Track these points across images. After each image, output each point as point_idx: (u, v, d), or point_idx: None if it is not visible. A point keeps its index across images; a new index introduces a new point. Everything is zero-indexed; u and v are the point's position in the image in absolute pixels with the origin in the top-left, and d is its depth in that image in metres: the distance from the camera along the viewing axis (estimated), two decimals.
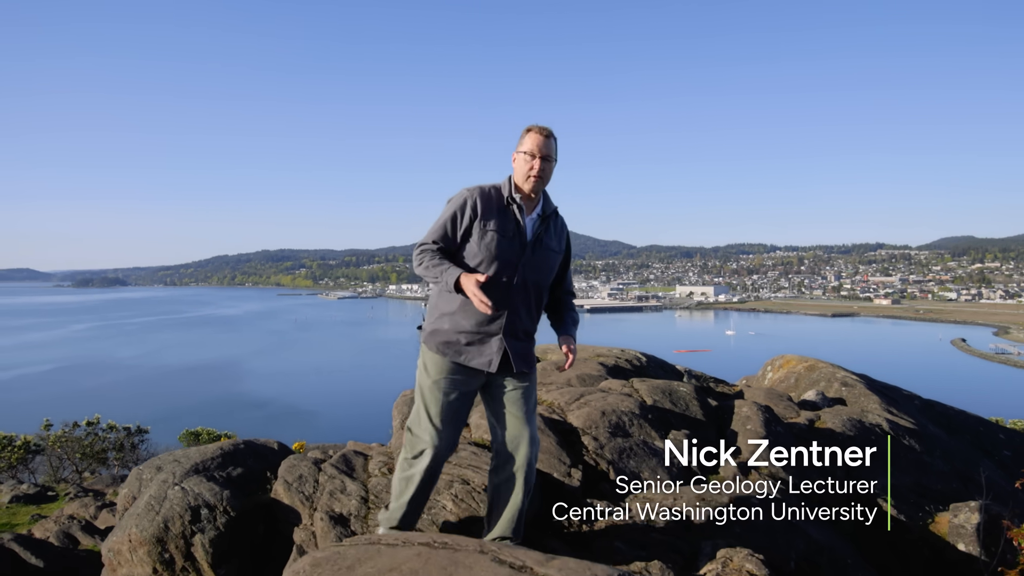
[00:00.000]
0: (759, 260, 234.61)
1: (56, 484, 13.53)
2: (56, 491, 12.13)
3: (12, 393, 53.41)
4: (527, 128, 2.82)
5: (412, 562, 2.23)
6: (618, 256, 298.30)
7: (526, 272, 2.81)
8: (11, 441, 15.44)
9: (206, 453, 4.21)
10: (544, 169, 2.79)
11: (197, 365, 70.66)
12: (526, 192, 2.84)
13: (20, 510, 10.65)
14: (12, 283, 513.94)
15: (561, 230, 3.00)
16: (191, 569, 3.61)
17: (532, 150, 2.77)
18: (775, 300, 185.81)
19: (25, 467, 15.46)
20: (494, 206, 2.80)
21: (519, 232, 2.81)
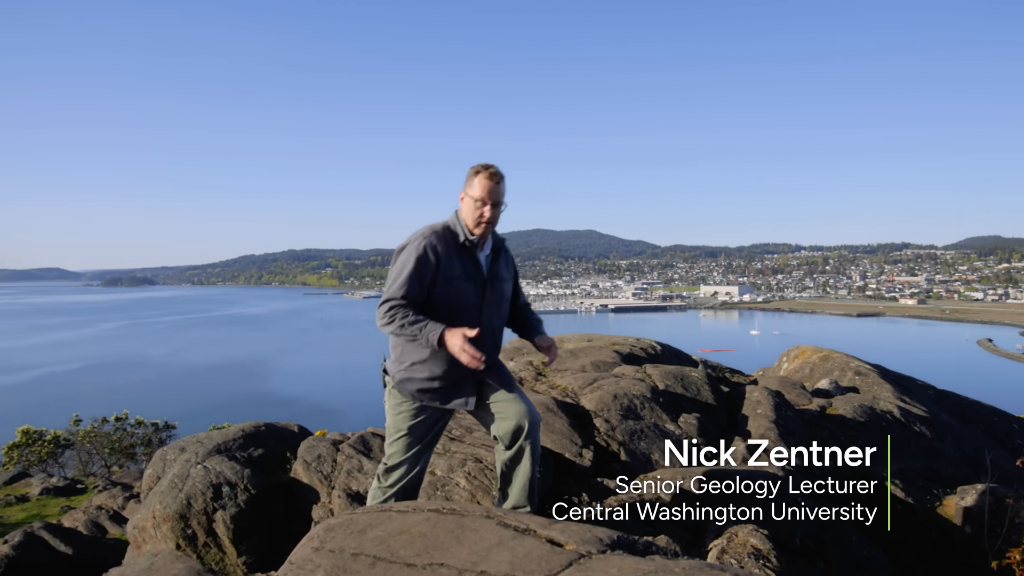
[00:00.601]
0: (784, 260, 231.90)
1: (85, 478, 13.85)
2: (85, 484, 12.43)
3: (44, 390, 54.55)
4: (475, 170, 2.79)
5: (421, 526, 2.33)
6: (642, 256, 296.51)
7: (490, 309, 2.89)
8: (41, 436, 15.85)
9: (228, 435, 4.34)
10: (495, 215, 2.78)
11: (224, 363, 71.57)
12: (476, 236, 2.84)
13: (50, 502, 10.94)
14: (43, 282, 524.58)
15: (508, 257, 3.05)
16: (213, 545, 3.75)
17: (483, 197, 2.75)
18: (800, 300, 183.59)
19: (55, 461, 15.85)
20: (452, 250, 2.80)
21: (478, 272, 2.86)
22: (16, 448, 15.51)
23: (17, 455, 15.43)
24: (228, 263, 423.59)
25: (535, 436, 2.94)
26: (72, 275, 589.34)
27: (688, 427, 4.15)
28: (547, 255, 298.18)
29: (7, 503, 10.68)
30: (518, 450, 2.94)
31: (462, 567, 2.01)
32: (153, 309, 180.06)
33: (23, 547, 6.12)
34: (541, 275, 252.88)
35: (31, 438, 15.75)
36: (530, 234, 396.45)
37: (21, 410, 39.34)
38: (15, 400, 49.43)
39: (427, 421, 2.91)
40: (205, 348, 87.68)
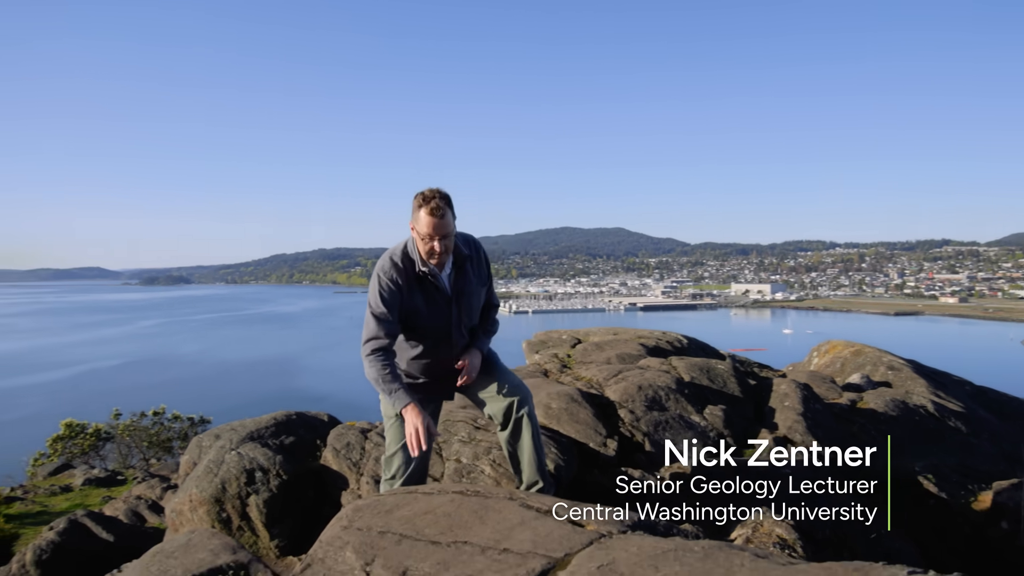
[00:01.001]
0: (818, 257, 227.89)
1: (125, 470, 14.22)
2: (125, 476, 12.75)
3: (86, 385, 55.92)
4: (418, 203, 2.73)
5: (446, 506, 2.39)
6: (671, 254, 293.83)
7: (459, 319, 2.95)
8: (83, 428, 16.32)
9: (260, 423, 4.46)
10: (444, 247, 2.76)
11: (257, 360, 72.66)
12: (433, 264, 2.84)
13: (92, 492, 11.25)
14: (84, 281, 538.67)
15: (478, 263, 3.02)
16: (247, 528, 3.85)
17: (429, 233, 2.71)
18: (835, 298, 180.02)
19: (96, 453, 16.31)
20: (411, 280, 2.83)
21: (440, 293, 2.88)
22: (60, 440, 16.00)
23: (61, 447, 15.92)
24: (260, 262, 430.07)
25: (528, 409, 3.01)
26: (111, 274, 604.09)
27: (714, 419, 4.14)
28: (575, 253, 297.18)
29: (52, 493, 11.00)
30: (514, 426, 3.01)
31: (485, 545, 2.06)
32: (189, 307, 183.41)
33: (68, 533, 6.32)
34: (569, 273, 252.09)
35: (74, 431, 16.23)
36: (558, 232, 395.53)
37: (65, 404, 40.44)
38: (59, 394, 50.81)
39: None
40: (238, 345, 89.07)
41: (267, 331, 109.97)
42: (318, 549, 2.29)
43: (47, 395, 51.00)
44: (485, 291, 3.11)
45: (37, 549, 5.82)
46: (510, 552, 1.99)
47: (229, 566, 2.32)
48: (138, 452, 16.12)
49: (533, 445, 3.01)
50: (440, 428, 4.06)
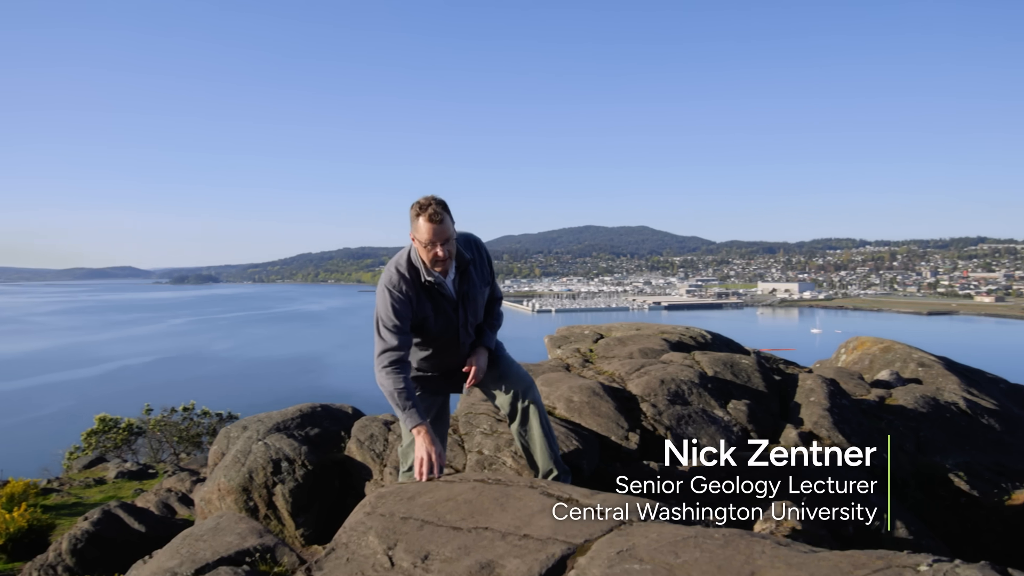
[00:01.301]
0: (847, 255, 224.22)
1: (156, 463, 14.51)
2: (156, 469, 13.02)
3: (118, 382, 57.01)
4: (415, 212, 2.72)
5: (467, 494, 2.41)
6: (696, 252, 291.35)
7: (466, 322, 2.96)
8: (117, 423, 16.71)
9: (287, 414, 4.52)
10: (447, 251, 2.75)
11: (283, 358, 73.48)
12: (438, 272, 2.83)
13: (124, 484, 11.51)
14: (116, 280, 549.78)
15: (480, 264, 3.02)
16: (273, 517, 3.91)
17: (430, 240, 2.70)
18: (865, 297, 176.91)
19: (129, 448, 16.68)
20: (418, 289, 2.83)
21: (445, 299, 2.89)
22: (94, 435, 16.39)
23: (95, 441, 16.31)
24: (287, 261, 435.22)
25: (533, 397, 3.04)
26: (143, 273, 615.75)
27: (737, 414, 4.11)
28: (598, 252, 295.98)
29: (86, 485, 11.28)
30: (521, 416, 3.04)
31: (506, 531, 2.07)
32: (217, 306, 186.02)
33: (102, 523, 6.48)
34: (592, 272, 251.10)
35: (107, 425, 16.62)
36: (581, 231, 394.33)
37: (98, 400, 41.32)
38: (94, 391, 51.91)
39: (425, 400, 3.04)
40: (266, 343, 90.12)
41: (293, 329, 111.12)
42: (342, 534, 2.33)
43: (81, 391, 52.16)
44: (488, 290, 3.10)
45: (72, 538, 5.98)
46: (530, 538, 2.01)
47: (256, 549, 2.36)
48: (168, 447, 16.46)
49: (543, 434, 3.02)
50: (462, 421, 4.08)
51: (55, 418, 40.30)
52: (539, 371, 4.86)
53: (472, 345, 3.06)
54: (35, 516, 7.46)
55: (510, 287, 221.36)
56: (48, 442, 20.19)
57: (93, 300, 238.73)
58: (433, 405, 3.10)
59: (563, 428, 3.68)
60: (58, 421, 37.41)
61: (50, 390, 53.45)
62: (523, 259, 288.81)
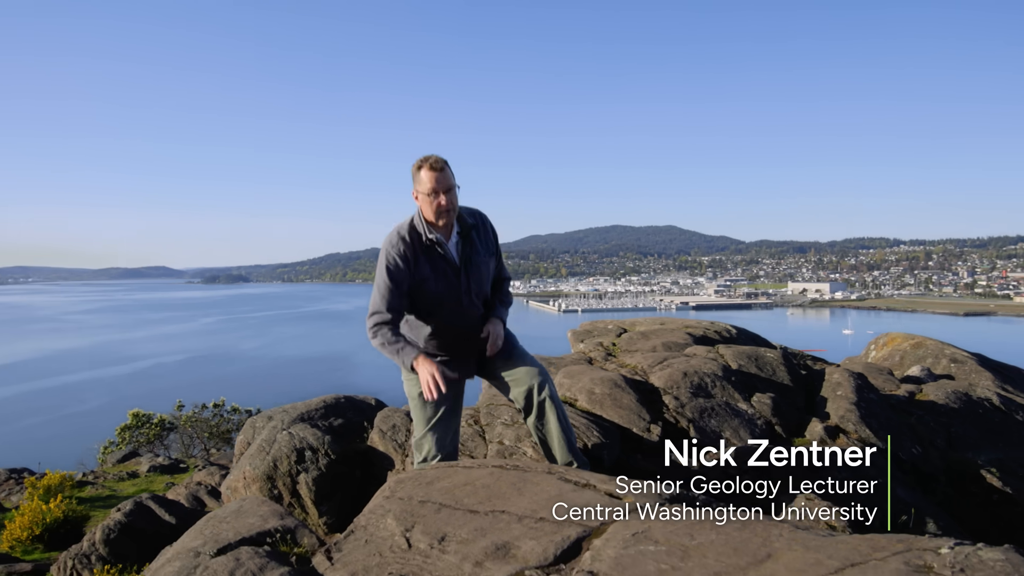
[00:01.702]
0: (880, 255, 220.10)
1: (187, 458, 14.78)
2: (187, 464, 13.27)
3: (151, 379, 58.15)
4: (417, 166, 2.79)
5: (485, 479, 2.41)
6: (725, 252, 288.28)
7: (469, 289, 2.94)
8: (149, 419, 17.06)
9: (311, 405, 4.58)
10: (451, 201, 2.79)
11: (312, 356, 74.28)
12: (440, 227, 2.88)
13: (156, 478, 11.74)
14: (150, 280, 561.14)
15: (484, 233, 3.04)
16: (296, 505, 3.96)
17: (433, 188, 2.76)
18: (899, 298, 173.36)
19: (161, 443, 17.02)
20: (418, 251, 2.86)
21: (448, 263, 2.90)
22: (127, 430, 16.75)
23: (128, 436, 16.67)
24: (315, 261, 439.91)
25: (549, 390, 2.98)
26: (176, 273, 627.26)
27: (762, 407, 4.06)
28: (626, 251, 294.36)
29: (119, 478, 11.53)
30: (538, 409, 2.98)
31: (522, 514, 2.08)
32: (247, 305, 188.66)
33: (134, 514, 6.62)
34: (619, 272, 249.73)
35: (140, 421, 16.97)
36: (608, 230, 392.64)
37: (132, 397, 42.19)
38: (128, 388, 53.01)
39: (439, 395, 2.95)
40: (295, 342, 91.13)
41: (321, 329, 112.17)
42: (361, 517, 2.35)
43: (116, 388, 53.31)
44: (494, 263, 3.11)
45: (105, 528, 6.12)
46: (546, 521, 2.01)
47: (277, 530, 2.40)
48: (199, 442, 16.75)
49: (560, 427, 2.98)
50: (484, 412, 4.10)
51: (91, 414, 41.22)
52: (561, 364, 4.85)
53: (483, 318, 3.03)
54: (70, 507, 7.64)
55: (536, 287, 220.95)
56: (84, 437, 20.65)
57: (127, 299, 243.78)
58: (446, 395, 2.99)
59: (583, 420, 3.67)
60: (94, 417, 38.25)
61: (86, 387, 54.74)
62: (550, 259, 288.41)
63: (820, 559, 1.53)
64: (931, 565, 1.42)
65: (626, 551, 1.73)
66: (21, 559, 6.69)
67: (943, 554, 1.45)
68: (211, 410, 17.82)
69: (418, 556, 1.99)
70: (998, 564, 1.36)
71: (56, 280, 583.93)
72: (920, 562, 1.44)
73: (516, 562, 1.82)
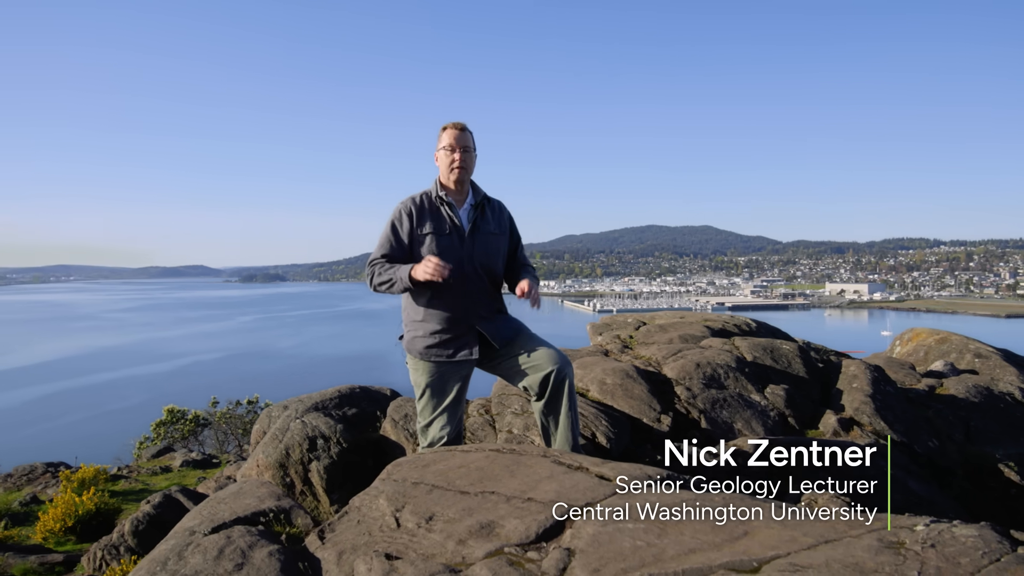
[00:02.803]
0: (920, 256, 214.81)
1: (220, 454, 15.07)
2: (219, 459, 13.52)
3: (189, 376, 59.39)
4: (443, 127, 2.94)
5: (480, 461, 2.43)
6: (762, 252, 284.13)
7: (474, 259, 2.95)
8: (184, 415, 17.42)
9: (326, 395, 4.63)
10: (465, 159, 2.91)
11: (347, 355, 75.04)
12: (452, 186, 2.96)
13: (189, 473, 11.99)
14: (189, 279, 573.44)
15: (499, 213, 3.10)
16: (308, 493, 4.02)
17: (451, 144, 2.90)
18: (939, 299, 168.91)
19: (195, 438, 17.36)
20: (426, 210, 2.93)
21: (455, 227, 2.94)
22: (162, 425, 17.13)
23: (163, 432, 17.04)
24: (351, 260, 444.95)
25: (568, 377, 2.93)
26: (214, 272, 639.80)
27: (775, 398, 4.01)
28: (661, 251, 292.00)
29: (153, 472, 11.80)
30: (552, 396, 2.94)
31: (511, 495, 2.09)
32: (284, 304, 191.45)
33: (162, 507, 6.78)
34: (655, 272, 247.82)
35: (175, 417, 17.34)
36: (643, 230, 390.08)
37: (169, 393, 43.14)
38: (165, 385, 54.21)
39: (443, 378, 3.00)
40: (330, 341, 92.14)
41: (356, 328, 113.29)
42: (356, 499, 2.39)
43: (155, 385, 54.54)
44: (507, 243, 3.13)
45: (134, 520, 6.28)
46: (534, 501, 2.01)
47: (271, 510, 2.45)
48: (233, 438, 17.04)
49: (570, 418, 2.94)
50: (495, 401, 4.12)
51: (131, 410, 42.19)
52: (577, 356, 4.84)
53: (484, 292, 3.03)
54: (103, 500, 7.82)
55: (571, 287, 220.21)
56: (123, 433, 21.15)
57: (166, 298, 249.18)
58: (451, 381, 3.00)
59: (592, 409, 3.66)
60: (132, 413, 39.17)
61: (126, 383, 56.10)
62: (584, 259, 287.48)
63: (795, 536, 1.52)
64: (903, 541, 1.40)
65: (604, 528, 1.73)
66: (53, 550, 6.88)
67: (918, 531, 1.43)
68: (245, 407, 18.13)
69: (405, 535, 2.01)
70: (970, 540, 1.33)
71: (97, 279, 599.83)
72: (894, 538, 1.42)
73: (498, 540, 1.83)
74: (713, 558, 1.49)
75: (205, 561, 2.07)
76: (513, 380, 3.07)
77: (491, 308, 3.04)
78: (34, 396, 51.24)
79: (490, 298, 3.04)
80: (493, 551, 1.78)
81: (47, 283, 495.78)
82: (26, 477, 11.33)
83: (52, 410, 45.72)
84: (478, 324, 2.97)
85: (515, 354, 3.00)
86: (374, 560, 1.88)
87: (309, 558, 2.12)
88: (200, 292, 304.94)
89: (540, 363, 2.94)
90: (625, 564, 1.55)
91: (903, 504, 3.15)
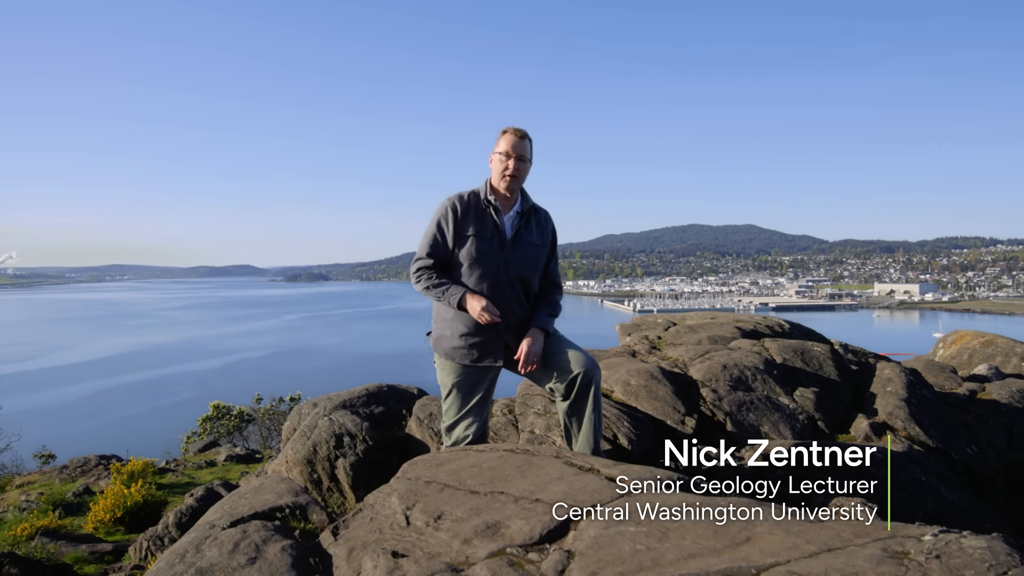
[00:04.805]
0: (975, 255, 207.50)
1: (263, 449, 15.40)
2: (263, 454, 13.81)
3: (236, 373, 60.81)
4: (503, 130, 2.91)
5: (492, 461, 2.44)
6: (807, 251, 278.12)
7: (510, 268, 2.93)
8: (229, 411, 17.85)
9: (354, 393, 4.70)
10: (519, 168, 2.89)
11: (385, 354, 75.89)
12: (502, 192, 2.94)
13: (233, 467, 12.29)
14: (235, 278, 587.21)
15: (544, 224, 3.08)
16: (335, 490, 4.08)
17: (507, 150, 2.87)
18: (995, 300, 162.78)
19: (239, 434, 17.78)
20: (472, 211, 2.92)
21: (498, 232, 2.92)
22: (208, 421, 17.59)
23: (209, 427, 17.50)
24: (392, 260, 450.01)
25: (595, 380, 2.92)
26: (259, 271, 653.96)
27: (805, 402, 3.92)
28: (703, 251, 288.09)
29: (199, 467, 12.13)
30: (577, 397, 2.93)
31: (519, 495, 2.09)
32: (327, 303, 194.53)
33: (204, 499, 6.98)
34: (696, 272, 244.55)
35: (220, 412, 17.79)
36: (685, 229, 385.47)
37: (216, 390, 44.28)
38: (213, 381, 55.63)
39: (469, 379, 3.00)
40: (372, 339, 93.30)
41: (397, 326, 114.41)
42: (371, 496, 2.42)
43: (204, 381, 56.01)
44: (546, 257, 3.11)
45: (178, 512, 6.48)
46: (541, 502, 2.01)
47: (288, 506, 2.50)
48: (276, 434, 17.41)
49: (594, 420, 2.92)
50: (519, 401, 4.12)
51: (181, 406, 43.36)
52: (604, 357, 4.81)
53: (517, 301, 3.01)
54: (150, 492, 8.07)
55: (611, 287, 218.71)
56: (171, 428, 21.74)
57: (215, 297, 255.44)
58: (478, 383, 3.02)
59: (615, 410, 3.64)
60: (181, 409, 40.25)
61: (175, 380, 57.74)
62: (624, 258, 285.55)
63: (798, 543, 1.49)
64: (908, 551, 1.36)
65: (606, 531, 1.72)
66: (103, 540, 7.13)
67: (924, 540, 1.39)
68: (288, 404, 18.50)
69: (414, 533, 2.04)
70: (977, 552, 1.29)
71: (149, 278, 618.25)
72: (899, 548, 1.38)
73: (502, 540, 1.84)
74: (712, 564, 1.47)
75: (220, 554, 2.12)
76: (540, 381, 3.08)
77: (521, 317, 3.04)
78: (91, 391, 53.09)
79: (521, 308, 3.04)
80: (496, 551, 1.79)
81: (103, 282, 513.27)
82: (80, 469, 11.76)
83: (108, 404, 47.29)
84: (504, 332, 2.98)
85: (549, 356, 3.00)
86: (380, 557, 1.91)
87: (321, 554, 2.16)
88: (247, 291, 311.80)
89: (568, 365, 2.94)
90: (623, 568, 1.53)
91: (935, 512, 3.05)
